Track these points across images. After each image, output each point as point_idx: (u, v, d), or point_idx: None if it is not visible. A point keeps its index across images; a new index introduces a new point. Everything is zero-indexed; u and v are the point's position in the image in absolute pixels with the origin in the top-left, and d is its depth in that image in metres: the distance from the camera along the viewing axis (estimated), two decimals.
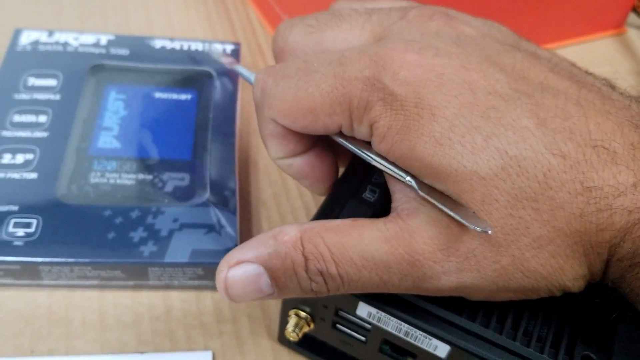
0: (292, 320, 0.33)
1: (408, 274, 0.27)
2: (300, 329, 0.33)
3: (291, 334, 0.33)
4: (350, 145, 0.30)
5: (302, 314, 0.33)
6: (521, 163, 0.25)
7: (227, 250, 0.38)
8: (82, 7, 0.57)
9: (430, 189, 0.27)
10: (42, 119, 0.43)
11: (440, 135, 0.26)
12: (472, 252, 0.26)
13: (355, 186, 0.33)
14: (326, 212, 0.32)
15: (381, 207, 0.32)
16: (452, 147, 0.26)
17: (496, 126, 0.26)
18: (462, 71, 0.27)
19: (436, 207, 0.26)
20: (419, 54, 0.28)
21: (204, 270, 0.38)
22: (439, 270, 0.26)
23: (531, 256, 0.26)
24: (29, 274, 0.37)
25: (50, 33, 0.49)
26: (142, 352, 0.37)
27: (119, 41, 0.50)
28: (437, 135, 0.26)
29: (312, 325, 0.34)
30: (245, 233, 0.43)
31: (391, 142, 0.27)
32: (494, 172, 0.25)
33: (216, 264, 0.38)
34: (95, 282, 0.38)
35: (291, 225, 0.28)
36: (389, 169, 0.28)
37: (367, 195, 0.33)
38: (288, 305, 0.34)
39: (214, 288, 0.40)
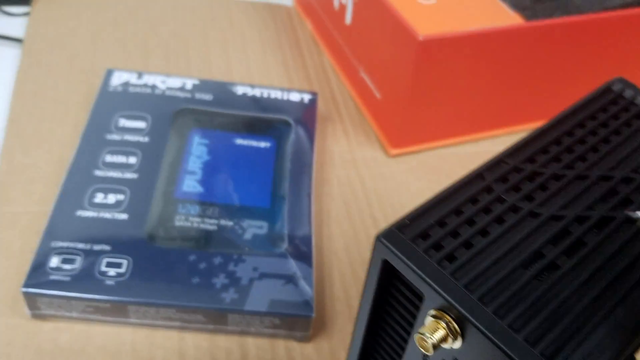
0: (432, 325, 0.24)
1: None
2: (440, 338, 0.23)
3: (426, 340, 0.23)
4: None
5: (447, 317, 0.23)
6: None
7: (304, 302, 0.40)
8: (167, 51, 0.60)
9: None
10: (132, 160, 0.46)
11: None
12: None
13: None
14: None
15: None
16: None
17: None
18: None
19: None
20: None
21: (280, 320, 0.40)
22: None
23: None
24: (117, 312, 0.39)
25: (140, 75, 0.52)
26: None
27: (203, 86, 0.52)
28: None
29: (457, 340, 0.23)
30: (319, 284, 0.44)
31: None
32: None
33: (293, 315, 0.40)
34: (177, 323, 0.40)
35: None
36: None
37: None
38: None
39: (287, 337, 0.41)
